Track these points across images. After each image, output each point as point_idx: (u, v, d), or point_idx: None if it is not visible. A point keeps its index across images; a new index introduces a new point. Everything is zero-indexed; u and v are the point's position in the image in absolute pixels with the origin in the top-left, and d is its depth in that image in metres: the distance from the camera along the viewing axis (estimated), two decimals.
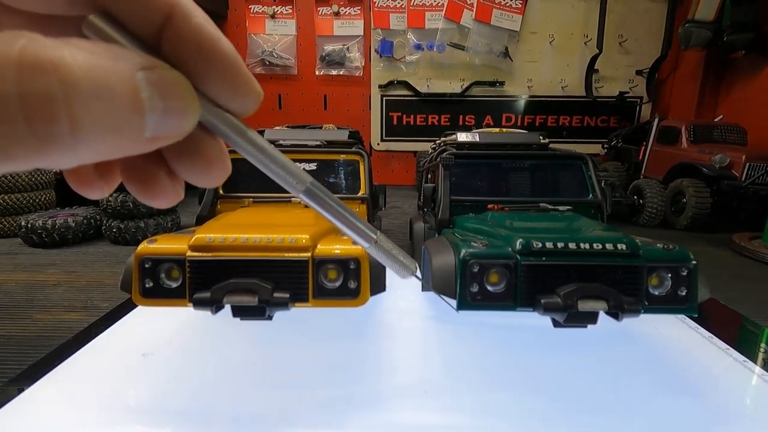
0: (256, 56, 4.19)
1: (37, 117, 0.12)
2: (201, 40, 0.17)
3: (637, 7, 3.97)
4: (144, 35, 0.16)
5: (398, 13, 4.05)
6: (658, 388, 0.77)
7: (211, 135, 0.18)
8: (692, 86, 3.75)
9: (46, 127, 0.12)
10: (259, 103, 0.19)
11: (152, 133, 0.15)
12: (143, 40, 0.17)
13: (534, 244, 0.79)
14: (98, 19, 0.16)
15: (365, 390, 0.70)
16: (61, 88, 0.12)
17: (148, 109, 0.14)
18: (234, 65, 0.18)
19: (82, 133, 0.13)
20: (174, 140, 0.16)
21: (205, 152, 0.18)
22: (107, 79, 0.13)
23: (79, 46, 0.13)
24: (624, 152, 3.63)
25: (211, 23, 0.17)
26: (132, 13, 0.16)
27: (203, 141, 0.18)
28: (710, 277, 0.95)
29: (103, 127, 0.13)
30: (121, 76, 0.13)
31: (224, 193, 1.28)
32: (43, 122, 0.12)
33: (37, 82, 0.12)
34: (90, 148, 0.13)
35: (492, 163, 1.32)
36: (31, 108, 0.12)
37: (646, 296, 0.80)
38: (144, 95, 0.14)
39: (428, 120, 4.35)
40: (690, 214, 2.62)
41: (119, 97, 0.13)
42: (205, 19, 0.17)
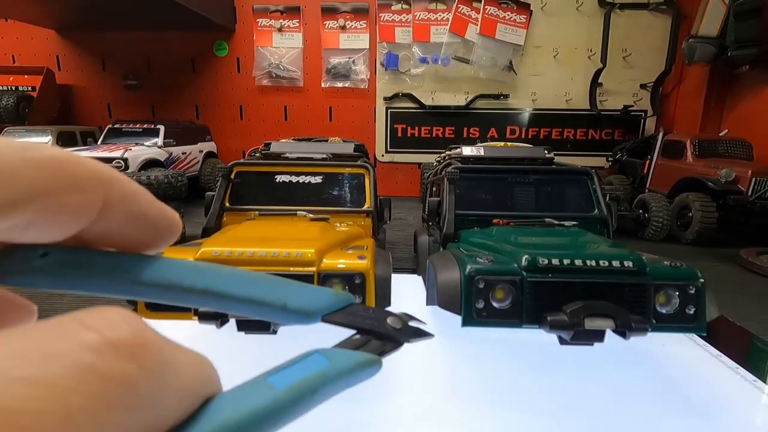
0: (263, 68, 4.25)
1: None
2: (132, 213, 0.16)
3: (640, 22, 4.00)
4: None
5: (403, 27, 4.10)
6: (666, 408, 0.76)
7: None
8: (697, 100, 3.76)
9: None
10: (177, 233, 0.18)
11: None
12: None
13: (540, 261, 0.79)
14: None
15: (369, 409, 0.69)
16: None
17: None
18: (165, 221, 0.17)
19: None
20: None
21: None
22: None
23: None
24: (629, 165, 3.62)
25: (135, 190, 0.16)
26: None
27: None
28: (717, 293, 0.94)
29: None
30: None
31: (230, 206, 1.29)
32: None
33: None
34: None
35: (497, 178, 1.32)
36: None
37: (654, 314, 0.79)
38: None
39: (433, 132, 4.37)
40: (696, 228, 2.60)
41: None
42: (131, 191, 0.16)
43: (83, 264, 0.16)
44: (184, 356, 0.12)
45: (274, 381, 0.14)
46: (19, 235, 0.14)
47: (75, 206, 0.14)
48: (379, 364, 0.16)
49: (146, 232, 0.16)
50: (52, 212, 0.14)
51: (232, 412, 0.12)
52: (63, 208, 0.14)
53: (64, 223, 0.14)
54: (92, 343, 0.10)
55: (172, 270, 0.17)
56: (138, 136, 3.55)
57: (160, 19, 3.83)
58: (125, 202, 0.15)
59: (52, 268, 0.15)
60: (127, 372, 0.10)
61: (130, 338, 0.10)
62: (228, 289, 0.17)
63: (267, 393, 0.13)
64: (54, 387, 0.09)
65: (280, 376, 0.14)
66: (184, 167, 3.75)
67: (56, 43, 4.35)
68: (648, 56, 4.02)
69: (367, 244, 1.03)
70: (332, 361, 0.15)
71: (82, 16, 3.82)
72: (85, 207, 0.14)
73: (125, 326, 0.11)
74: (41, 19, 3.95)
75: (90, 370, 0.09)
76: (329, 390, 0.15)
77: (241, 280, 0.17)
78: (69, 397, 0.09)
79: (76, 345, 0.10)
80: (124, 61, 4.36)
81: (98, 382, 0.09)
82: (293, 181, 1.34)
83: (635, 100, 4.13)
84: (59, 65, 4.38)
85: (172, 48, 4.31)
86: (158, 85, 4.40)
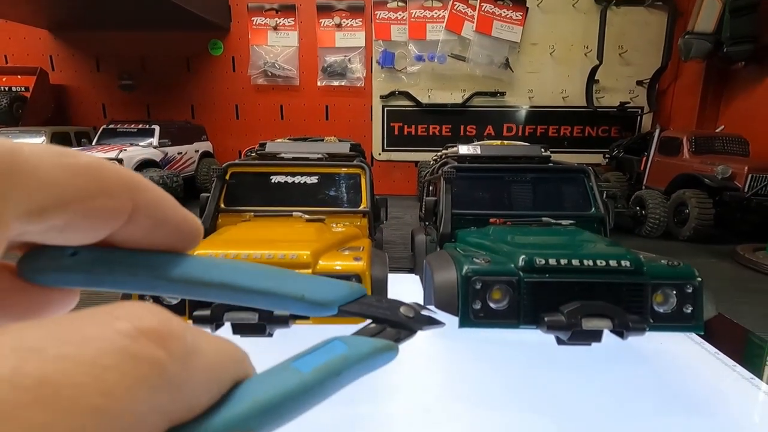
0: (259, 67, 4.23)
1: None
2: (159, 219, 0.17)
3: (636, 19, 4.00)
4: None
5: (399, 24, 4.09)
6: (664, 406, 0.76)
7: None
8: (693, 97, 3.76)
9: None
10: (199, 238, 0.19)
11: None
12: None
13: (537, 261, 0.78)
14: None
15: (366, 409, 0.69)
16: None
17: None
18: (187, 227, 0.18)
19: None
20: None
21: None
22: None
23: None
24: (625, 162, 3.63)
25: (161, 196, 0.17)
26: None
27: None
28: (714, 290, 0.94)
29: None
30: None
31: (225, 207, 1.28)
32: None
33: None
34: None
35: (494, 177, 1.32)
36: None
37: (651, 314, 0.79)
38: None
39: (429, 130, 4.36)
40: (693, 225, 2.61)
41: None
42: (157, 198, 0.17)
43: (109, 261, 0.17)
44: (210, 342, 0.13)
45: (298, 365, 0.14)
46: (53, 238, 0.15)
47: (106, 211, 0.15)
48: (396, 350, 0.17)
49: (170, 236, 0.18)
50: (85, 216, 0.15)
51: (262, 394, 0.13)
52: (95, 212, 0.15)
53: (96, 227, 0.15)
54: (123, 329, 0.11)
55: (193, 266, 0.18)
56: (133, 137, 3.53)
57: (154, 19, 3.80)
58: (152, 207, 0.17)
59: (81, 265, 0.16)
60: (157, 355, 0.11)
61: (156, 326, 0.11)
62: (248, 283, 0.18)
63: (294, 376, 0.14)
64: (93, 365, 0.10)
65: (304, 361, 0.15)
66: (180, 167, 3.73)
67: (50, 43, 4.31)
68: (644, 53, 4.03)
69: (363, 245, 1.02)
70: (352, 346, 0.16)
71: (75, 15, 3.79)
72: (115, 212, 0.15)
73: (151, 316, 0.12)
74: (34, 18, 3.92)
75: (124, 351, 0.10)
76: (351, 373, 0.15)
77: (260, 274, 0.18)
78: (106, 373, 0.10)
79: (109, 330, 0.11)
80: (118, 61, 4.33)
81: (131, 363, 0.10)
82: (289, 182, 1.33)
83: (632, 97, 4.13)
84: (53, 65, 4.35)
85: (167, 47, 4.28)
86: (153, 84, 4.38)
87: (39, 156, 0.13)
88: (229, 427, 0.12)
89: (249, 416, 0.13)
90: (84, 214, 0.15)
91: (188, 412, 0.12)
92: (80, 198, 0.14)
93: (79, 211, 0.14)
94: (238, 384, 0.13)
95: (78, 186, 0.14)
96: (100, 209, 0.15)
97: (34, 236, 0.15)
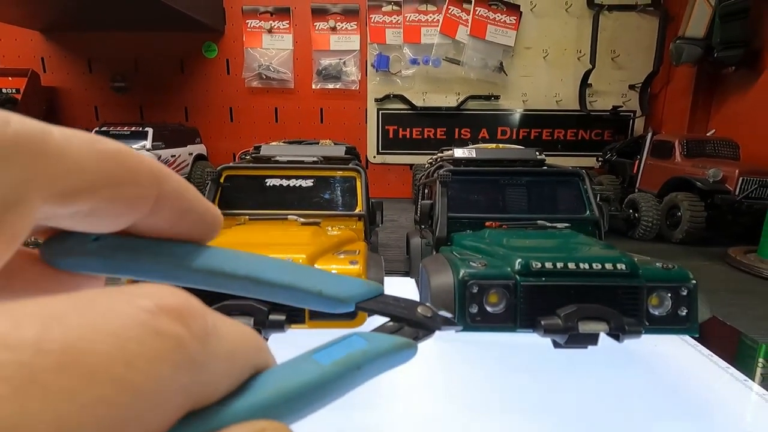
0: (253, 70, 4.22)
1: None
2: (180, 208, 0.17)
3: (628, 24, 4.05)
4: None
5: (394, 28, 4.10)
6: (659, 409, 0.76)
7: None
8: (684, 101, 3.81)
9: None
10: (218, 228, 0.19)
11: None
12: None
13: (533, 264, 0.79)
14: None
15: (363, 414, 0.68)
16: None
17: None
18: (209, 217, 0.18)
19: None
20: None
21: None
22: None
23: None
24: (618, 165, 3.66)
25: (183, 185, 0.17)
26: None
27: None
28: (707, 292, 0.95)
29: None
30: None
31: (220, 210, 1.27)
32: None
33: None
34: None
35: (489, 180, 1.32)
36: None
37: (647, 316, 0.80)
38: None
39: (424, 133, 4.37)
40: (685, 227, 2.63)
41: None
42: (179, 187, 0.17)
43: (132, 248, 0.17)
44: (231, 327, 0.13)
45: (319, 358, 0.14)
46: (79, 223, 0.15)
47: (133, 198, 0.15)
48: (415, 348, 0.17)
49: (192, 226, 0.18)
50: (112, 202, 0.15)
51: (285, 383, 0.13)
52: (122, 199, 0.15)
53: (122, 213, 0.16)
54: (146, 306, 0.11)
55: (216, 256, 0.18)
56: (126, 139, 3.50)
57: (147, 20, 3.78)
58: (176, 197, 0.17)
59: (104, 251, 0.16)
60: (178, 332, 0.11)
61: (177, 304, 0.11)
62: (268, 276, 0.18)
63: (315, 367, 0.14)
64: (116, 335, 0.10)
65: (324, 354, 0.15)
66: (174, 170, 3.70)
67: (41, 45, 4.27)
68: (636, 57, 4.07)
69: (359, 249, 1.02)
70: (372, 341, 0.16)
71: (67, 16, 3.76)
72: (141, 199, 0.16)
73: (172, 296, 0.12)
74: (25, 19, 3.88)
75: (145, 325, 0.10)
76: (371, 368, 0.15)
77: (279, 268, 0.18)
78: (129, 344, 0.10)
79: (131, 306, 0.11)
80: (111, 63, 4.30)
81: (154, 337, 0.10)
82: (284, 185, 1.32)
83: (624, 101, 4.17)
84: (44, 67, 4.31)
85: (160, 49, 4.26)
86: (146, 86, 4.35)
87: (69, 140, 0.13)
88: (252, 414, 0.12)
89: (272, 404, 0.12)
90: (111, 200, 0.15)
91: (209, 396, 0.12)
92: (108, 184, 0.14)
93: (106, 197, 0.14)
94: (258, 372, 0.13)
95: (107, 172, 0.14)
96: (128, 196, 0.15)
97: (59, 221, 0.15)
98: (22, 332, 0.09)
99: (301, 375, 0.13)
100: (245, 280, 0.17)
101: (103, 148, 0.14)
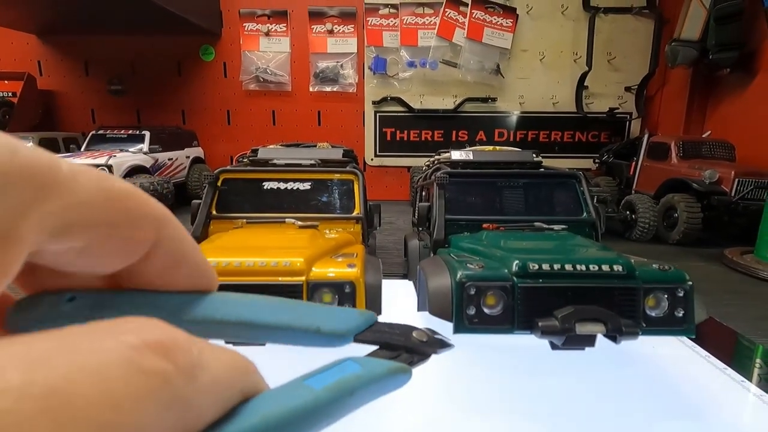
0: (251, 73, 4.22)
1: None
2: (176, 260, 0.17)
3: (624, 26, 4.07)
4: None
5: (391, 31, 4.11)
6: (656, 410, 0.76)
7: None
8: (680, 102, 3.83)
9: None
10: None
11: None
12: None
13: (531, 266, 0.79)
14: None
15: (360, 416, 0.68)
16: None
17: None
18: (203, 271, 0.18)
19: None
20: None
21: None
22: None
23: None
24: (615, 167, 3.67)
25: (183, 237, 0.17)
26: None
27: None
28: (703, 293, 0.95)
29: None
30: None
31: (217, 214, 1.27)
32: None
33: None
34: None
35: (486, 182, 1.32)
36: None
37: (644, 318, 0.80)
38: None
39: (422, 136, 4.38)
40: (682, 229, 2.64)
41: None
42: (178, 237, 0.17)
43: (114, 305, 0.16)
44: (218, 355, 0.13)
45: (311, 383, 0.14)
46: (69, 261, 0.15)
47: (130, 239, 0.15)
48: (410, 374, 0.17)
49: (185, 278, 0.17)
50: (109, 241, 0.14)
51: (273, 410, 0.13)
52: (119, 239, 0.15)
53: (116, 254, 0.15)
54: (131, 342, 0.11)
55: (205, 304, 0.17)
56: (123, 143, 3.49)
57: (144, 23, 3.78)
58: (174, 244, 0.16)
59: (81, 311, 0.16)
60: (164, 368, 0.11)
61: (163, 339, 0.11)
62: (262, 318, 0.17)
63: (306, 393, 0.14)
64: (101, 375, 0.09)
65: (316, 379, 0.14)
66: (171, 174, 3.70)
67: (37, 48, 4.26)
68: (632, 59, 4.09)
69: (357, 251, 1.01)
70: (365, 366, 0.16)
71: (63, 19, 3.75)
72: (139, 242, 0.15)
73: (157, 330, 0.11)
74: (21, 23, 3.88)
75: (131, 362, 0.10)
76: (365, 394, 0.15)
77: (273, 308, 0.18)
78: (115, 385, 0.10)
79: (116, 342, 0.10)
80: (108, 66, 4.29)
81: (139, 375, 0.10)
82: (281, 188, 1.32)
83: (620, 103, 4.19)
84: (41, 70, 4.30)
85: (157, 52, 4.25)
86: (143, 89, 4.34)
87: (75, 175, 0.13)
88: None
89: (259, 431, 0.12)
90: (108, 239, 0.14)
91: (195, 427, 0.11)
92: (108, 222, 0.14)
93: (103, 236, 0.14)
94: (248, 398, 0.13)
95: (108, 210, 0.14)
96: (125, 236, 0.15)
97: (49, 257, 0.14)
98: (6, 377, 0.08)
99: (291, 400, 0.13)
100: (239, 325, 0.17)
101: (108, 186, 0.14)
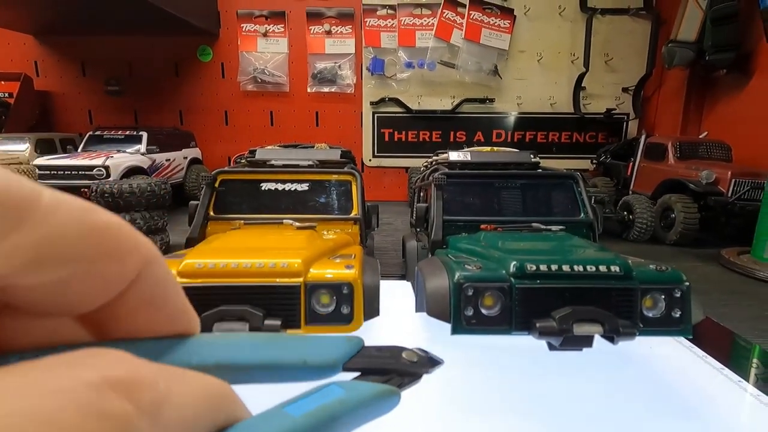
0: (248, 74, 4.22)
1: None
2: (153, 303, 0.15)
3: (621, 27, 4.08)
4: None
5: (389, 32, 4.11)
6: (654, 410, 0.76)
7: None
8: (677, 103, 3.84)
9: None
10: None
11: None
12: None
13: (528, 267, 0.79)
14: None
15: None
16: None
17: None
18: (185, 316, 0.17)
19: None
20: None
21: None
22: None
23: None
24: (612, 168, 3.68)
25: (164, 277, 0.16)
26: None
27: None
28: (701, 293, 0.95)
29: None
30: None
31: (215, 215, 1.27)
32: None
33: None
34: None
35: (484, 183, 1.33)
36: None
37: (641, 318, 0.80)
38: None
39: (419, 136, 4.38)
40: (679, 229, 2.65)
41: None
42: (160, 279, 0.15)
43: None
44: (189, 385, 0.12)
45: (291, 410, 0.13)
46: (40, 297, 0.13)
47: (109, 275, 0.14)
48: (398, 396, 0.16)
49: (164, 322, 0.16)
50: (86, 277, 0.13)
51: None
52: (97, 276, 0.14)
53: (91, 292, 0.14)
54: (91, 380, 0.10)
55: (181, 349, 0.16)
56: (120, 143, 3.49)
57: (141, 24, 3.78)
58: (155, 283, 0.15)
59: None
60: (124, 411, 0.10)
61: (125, 376, 0.10)
62: (243, 359, 0.16)
63: (284, 421, 0.13)
64: (53, 423, 0.09)
65: (296, 406, 0.14)
66: (168, 174, 3.69)
67: (34, 48, 4.25)
68: (629, 60, 4.11)
69: (354, 253, 1.01)
70: (350, 391, 0.15)
71: (61, 20, 3.74)
72: (117, 277, 0.14)
73: (120, 364, 0.11)
74: (18, 23, 3.86)
75: (88, 407, 0.09)
76: (348, 419, 0.14)
77: (253, 346, 0.16)
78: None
79: (74, 382, 0.10)
80: (105, 66, 4.28)
81: (97, 420, 0.09)
82: (279, 189, 1.32)
83: (617, 104, 4.21)
84: (38, 71, 4.29)
85: (154, 53, 4.25)
86: (141, 90, 4.34)
87: (56, 205, 0.12)
88: None
89: None
90: (84, 276, 0.13)
91: None
92: (86, 258, 0.13)
93: (79, 271, 0.13)
94: (225, 426, 0.13)
95: (87, 245, 0.13)
96: (104, 273, 0.14)
97: (17, 293, 0.13)
98: None
99: (269, 429, 0.13)
100: (218, 369, 0.15)
101: (91, 220, 0.13)
